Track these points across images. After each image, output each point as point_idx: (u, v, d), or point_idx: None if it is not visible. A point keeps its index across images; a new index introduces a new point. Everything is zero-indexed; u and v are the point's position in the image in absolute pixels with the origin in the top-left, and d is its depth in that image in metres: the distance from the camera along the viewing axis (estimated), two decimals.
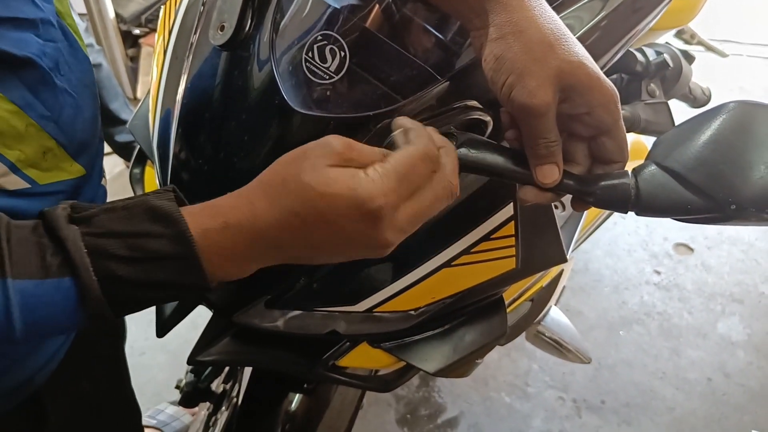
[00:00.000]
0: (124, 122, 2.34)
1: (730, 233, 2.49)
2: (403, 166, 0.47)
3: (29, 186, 0.61)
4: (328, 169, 0.46)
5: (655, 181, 0.52)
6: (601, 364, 2.01)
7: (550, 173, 0.52)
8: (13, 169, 0.60)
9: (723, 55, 1.94)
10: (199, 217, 0.46)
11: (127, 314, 0.47)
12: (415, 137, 0.50)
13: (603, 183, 0.54)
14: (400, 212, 0.47)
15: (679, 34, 1.61)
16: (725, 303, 2.23)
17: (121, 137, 2.36)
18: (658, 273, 2.35)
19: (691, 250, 2.44)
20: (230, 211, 0.47)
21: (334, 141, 0.48)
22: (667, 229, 2.52)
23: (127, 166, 2.49)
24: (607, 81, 0.51)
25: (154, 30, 2.90)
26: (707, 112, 0.52)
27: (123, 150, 2.42)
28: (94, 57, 2.21)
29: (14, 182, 0.60)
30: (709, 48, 1.77)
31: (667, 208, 0.51)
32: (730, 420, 1.87)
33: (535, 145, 0.52)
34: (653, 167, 0.52)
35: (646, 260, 2.41)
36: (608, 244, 2.46)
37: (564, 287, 1.59)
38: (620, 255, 2.42)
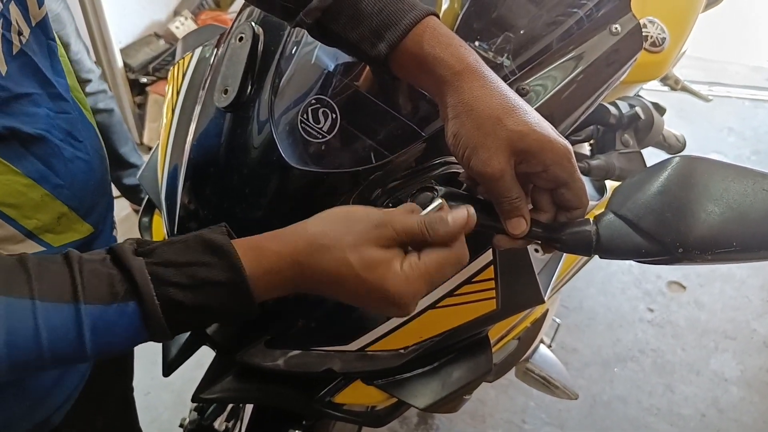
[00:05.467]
0: (132, 166, 2.42)
1: (722, 271, 2.52)
2: (435, 269, 0.53)
3: (45, 249, 0.67)
4: (370, 249, 0.52)
5: (613, 228, 0.57)
6: (596, 401, 2.03)
7: (518, 225, 0.58)
8: (30, 236, 0.65)
9: (706, 100, 2.00)
10: (247, 252, 0.52)
11: (181, 333, 0.53)
12: (457, 242, 0.54)
13: (568, 230, 0.59)
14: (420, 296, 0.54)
15: (664, 80, 1.67)
16: (718, 339, 2.26)
17: (129, 180, 2.43)
18: (652, 310, 2.38)
19: (684, 287, 2.47)
20: (275, 259, 0.52)
21: (375, 218, 0.53)
22: (660, 267, 2.54)
23: (134, 210, 2.57)
24: (560, 140, 0.56)
25: (160, 78, 2.98)
26: (656, 166, 0.58)
27: (130, 193, 2.49)
28: (107, 102, 2.30)
29: (31, 247, 0.66)
30: (693, 93, 1.84)
31: (624, 252, 0.57)
32: None
33: (500, 203, 0.57)
34: (611, 215, 0.58)
35: (640, 298, 2.43)
36: (602, 283, 2.48)
37: (559, 325, 1.63)
38: (614, 293, 2.45)
